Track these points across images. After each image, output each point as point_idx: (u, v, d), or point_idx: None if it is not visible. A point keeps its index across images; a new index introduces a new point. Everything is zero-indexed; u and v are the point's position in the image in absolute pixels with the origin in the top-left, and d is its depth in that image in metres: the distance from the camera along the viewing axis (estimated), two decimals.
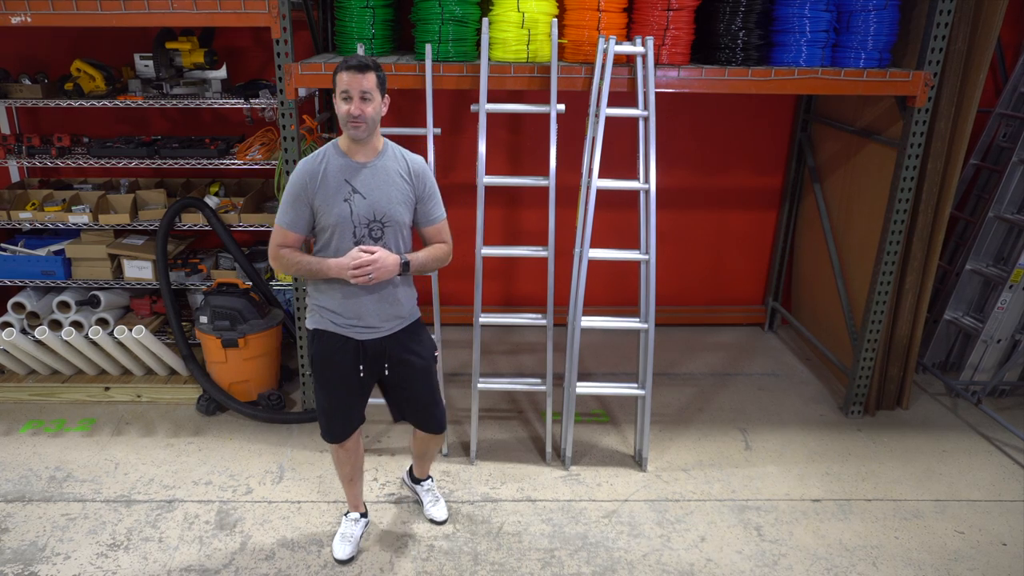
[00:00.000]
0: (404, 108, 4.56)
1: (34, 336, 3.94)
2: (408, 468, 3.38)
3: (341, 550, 3.00)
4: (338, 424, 2.82)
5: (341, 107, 2.48)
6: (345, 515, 3.11)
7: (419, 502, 3.32)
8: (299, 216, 2.58)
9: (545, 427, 3.70)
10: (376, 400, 2.94)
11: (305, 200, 2.56)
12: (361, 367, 2.70)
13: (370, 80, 2.46)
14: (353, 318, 2.64)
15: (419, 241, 2.77)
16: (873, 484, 3.56)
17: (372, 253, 2.52)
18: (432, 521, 3.21)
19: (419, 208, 2.67)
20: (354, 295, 2.62)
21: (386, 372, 2.76)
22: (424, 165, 2.68)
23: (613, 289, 4.96)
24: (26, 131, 4.47)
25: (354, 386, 2.75)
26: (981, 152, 4.49)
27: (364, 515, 3.13)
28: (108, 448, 3.70)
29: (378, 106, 2.51)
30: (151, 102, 3.94)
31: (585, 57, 3.55)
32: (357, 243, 2.56)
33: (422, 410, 2.88)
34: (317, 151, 2.61)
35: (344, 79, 2.45)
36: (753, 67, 3.52)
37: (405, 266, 2.60)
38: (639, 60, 3.43)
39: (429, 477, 3.31)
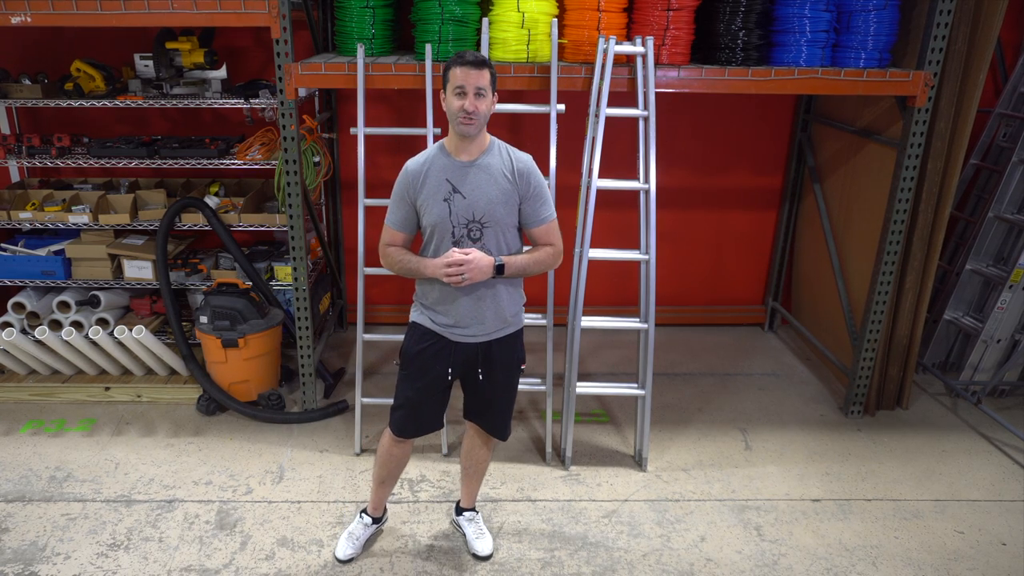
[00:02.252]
0: (404, 108, 4.56)
1: (34, 336, 3.94)
2: (455, 505, 3.21)
3: (343, 549, 2.98)
4: (411, 421, 2.77)
5: (454, 103, 2.42)
6: (361, 513, 3.06)
7: (463, 536, 3.12)
8: (403, 215, 2.58)
9: (545, 427, 3.70)
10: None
11: (408, 200, 2.56)
12: (450, 370, 2.67)
13: (485, 77, 2.42)
14: (451, 318, 2.61)
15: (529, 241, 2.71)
16: (873, 484, 3.56)
17: (467, 254, 2.47)
18: (475, 556, 3.01)
19: (524, 208, 2.58)
20: (451, 295, 2.58)
21: (480, 377, 2.71)
22: (531, 164, 2.59)
23: (613, 289, 4.96)
24: (26, 131, 4.47)
25: (438, 387, 2.71)
26: (981, 152, 4.49)
27: (376, 521, 3.08)
28: (108, 448, 3.70)
29: (491, 103, 2.48)
30: (151, 102, 3.94)
31: (585, 57, 3.55)
32: (456, 243, 2.53)
33: (495, 416, 2.84)
34: (425, 152, 2.59)
35: (459, 74, 2.40)
36: (753, 67, 3.52)
37: (499, 268, 2.53)
38: (639, 60, 3.44)
39: (473, 508, 3.15)
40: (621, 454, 3.75)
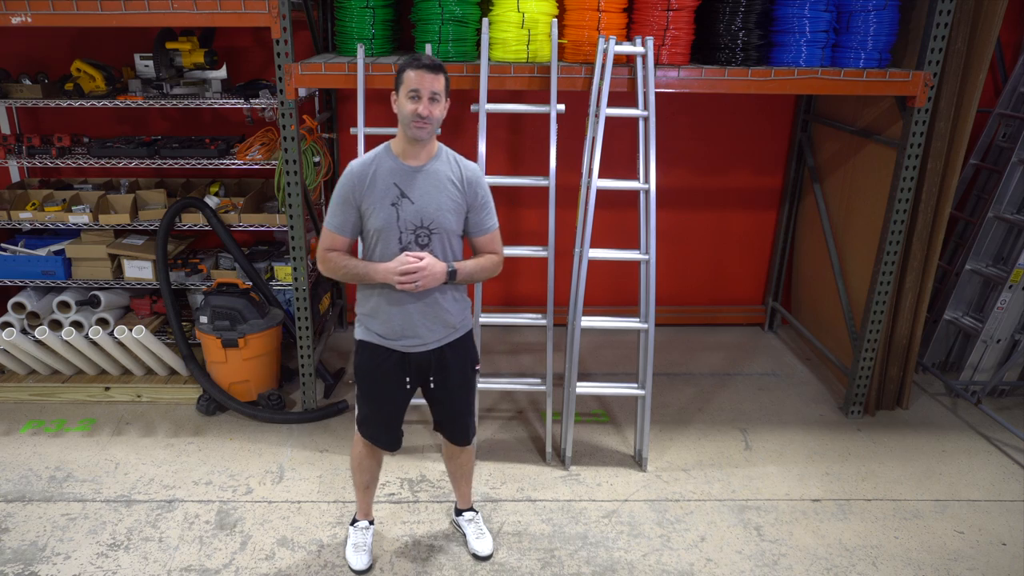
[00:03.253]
0: None
1: (34, 336, 3.94)
2: (454, 506, 3.22)
3: (359, 560, 2.94)
4: (383, 433, 2.79)
5: (406, 106, 2.39)
6: (353, 524, 3.04)
7: (463, 536, 3.12)
8: (347, 219, 2.51)
9: (545, 427, 3.70)
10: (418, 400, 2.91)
11: (353, 203, 2.49)
12: (407, 379, 2.66)
13: (440, 82, 2.40)
14: (399, 329, 2.57)
15: (469, 250, 2.69)
16: (873, 484, 3.56)
17: (420, 259, 2.46)
18: (476, 556, 3.01)
19: (470, 217, 2.58)
20: (399, 303, 2.54)
21: (431, 385, 2.70)
22: (479, 173, 2.59)
23: (613, 289, 4.96)
24: (26, 131, 4.47)
25: (398, 399, 2.71)
26: (981, 152, 4.49)
27: (372, 522, 3.08)
28: (108, 448, 3.70)
29: (444, 108, 2.45)
30: (151, 102, 3.94)
31: (585, 57, 3.55)
32: (403, 249, 2.49)
33: (452, 422, 2.83)
34: (369, 153, 2.54)
35: (414, 78, 2.37)
36: (753, 67, 3.52)
37: (452, 274, 2.52)
38: (639, 60, 3.44)
39: (472, 508, 3.15)
40: (621, 454, 3.75)
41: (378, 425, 2.78)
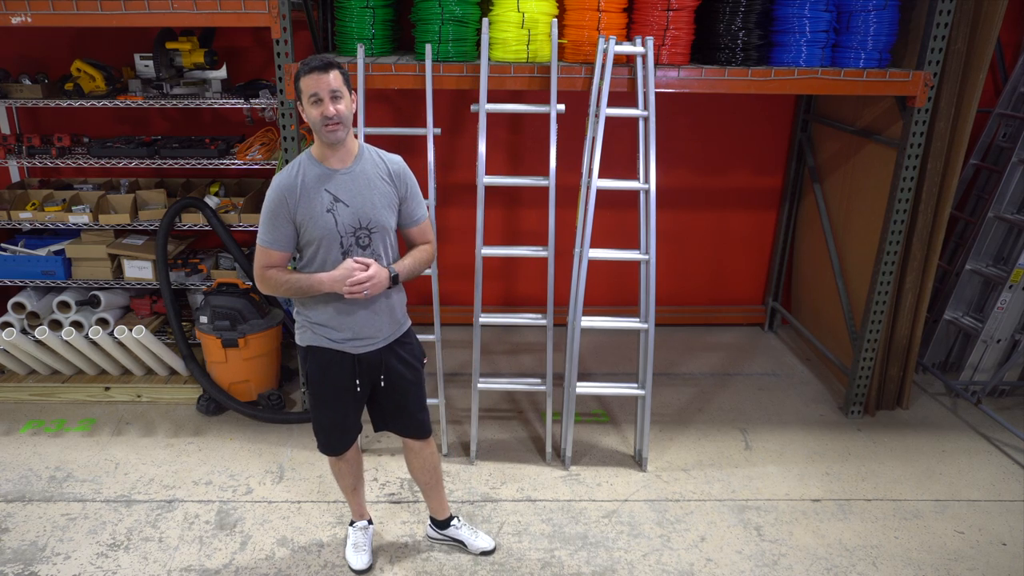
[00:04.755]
0: (404, 108, 4.56)
1: (34, 336, 3.94)
2: (429, 521, 3.11)
3: (359, 560, 2.94)
4: (336, 438, 2.76)
5: (312, 112, 2.36)
6: (351, 525, 3.03)
7: (460, 543, 3.07)
8: (281, 233, 2.46)
9: (545, 427, 3.70)
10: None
11: (286, 216, 2.44)
12: (358, 381, 2.63)
13: (337, 78, 2.36)
14: (348, 332, 2.57)
15: (403, 242, 2.70)
16: (873, 484, 3.56)
17: (367, 268, 2.45)
18: (484, 553, 3.03)
19: (402, 209, 2.59)
20: (348, 309, 2.54)
21: (381, 383, 2.68)
22: (404, 165, 2.59)
23: (613, 289, 4.96)
24: (26, 131, 4.47)
25: (351, 400, 2.68)
26: (981, 152, 4.49)
27: (370, 522, 3.08)
28: (108, 448, 3.70)
29: (349, 104, 2.41)
30: (151, 102, 3.94)
31: (585, 57, 3.55)
32: (345, 253, 2.48)
33: (408, 417, 2.79)
34: (291, 164, 2.49)
35: (310, 83, 2.34)
36: (753, 67, 3.52)
37: (395, 279, 2.54)
38: (639, 60, 3.44)
39: (452, 516, 3.08)
40: (621, 454, 3.75)
41: (331, 431, 2.75)
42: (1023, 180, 4.16)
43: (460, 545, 3.07)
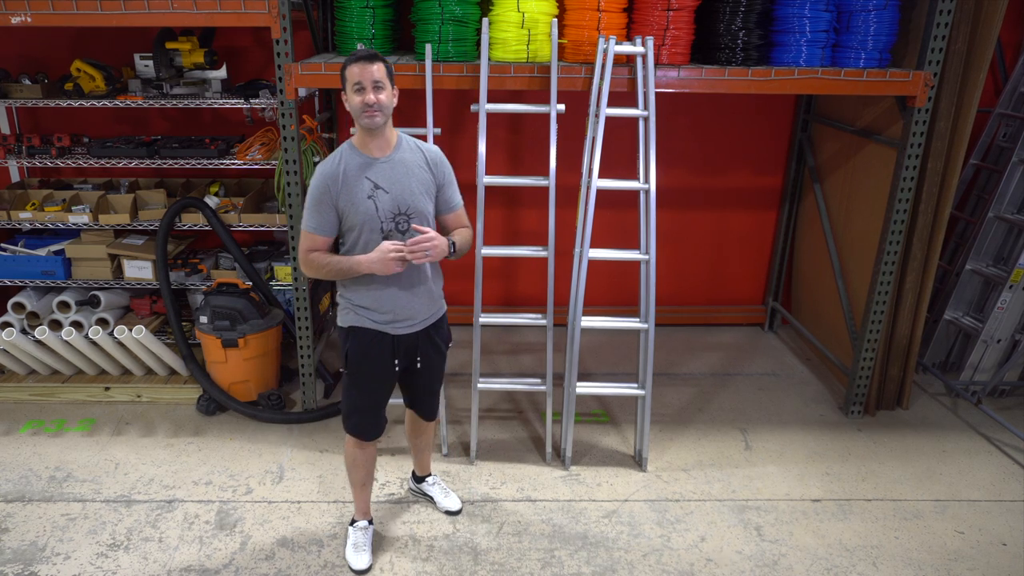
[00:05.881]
0: (404, 108, 4.54)
1: (34, 336, 3.94)
2: (411, 475, 3.39)
3: (360, 560, 2.95)
4: (370, 422, 2.83)
5: (354, 99, 2.49)
6: (352, 524, 3.04)
7: (431, 499, 3.32)
8: (325, 219, 2.59)
9: (545, 427, 3.70)
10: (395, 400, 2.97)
11: (329, 203, 2.57)
12: (396, 362, 2.74)
13: (380, 69, 2.49)
14: (389, 314, 2.67)
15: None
16: (873, 484, 3.56)
17: (426, 232, 2.53)
18: (448, 512, 3.25)
19: (440, 196, 2.71)
20: (387, 291, 2.64)
21: (418, 364, 2.80)
22: (441, 153, 2.72)
23: (613, 289, 4.96)
24: (26, 131, 4.47)
25: (388, 382, 2.80)
26: (981, 152, 4.49)
27: (371, 522, 3.08)
28: (108, 448, 3.70)
29: (391, 95, 2.53)
30: (151, 102, 3.94)
31: (585, 57, 3.55)
32: (385, 237, 2.58)
33: (429, 397, 2.99)
34: (333, 154, 2.61)
35: (355, 72, 2.47)
36: (753, 67, 3.52)
37: (452, 245, 2.64)
38: (639, 60, 3.44)
39: (431, 474, 3.34)
40: (621, 454, 3.75)
41: (365, 413, 2.82)
42: (1023, 180, 4.16)
43: (430, 501, 3.32)
